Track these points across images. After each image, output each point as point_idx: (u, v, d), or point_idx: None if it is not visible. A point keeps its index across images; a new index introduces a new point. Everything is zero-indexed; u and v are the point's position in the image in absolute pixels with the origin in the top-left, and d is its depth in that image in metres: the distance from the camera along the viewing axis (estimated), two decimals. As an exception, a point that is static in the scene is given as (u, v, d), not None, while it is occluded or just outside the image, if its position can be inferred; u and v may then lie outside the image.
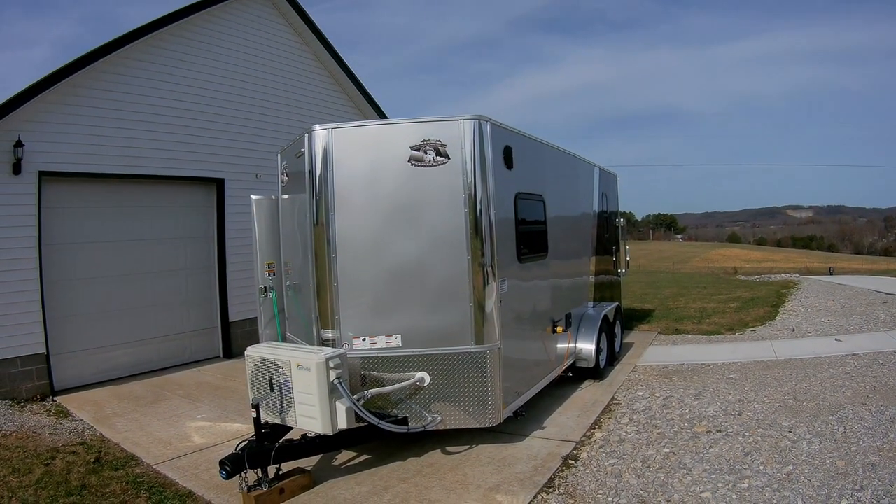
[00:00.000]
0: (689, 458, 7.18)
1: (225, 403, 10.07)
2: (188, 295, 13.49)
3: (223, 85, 13.83)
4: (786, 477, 6.49)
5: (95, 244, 11.82)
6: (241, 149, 14.09)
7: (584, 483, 6.69)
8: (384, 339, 7.16)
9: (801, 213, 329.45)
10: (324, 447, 7.04)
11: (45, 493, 6.72)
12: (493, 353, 7.25)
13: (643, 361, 12.10)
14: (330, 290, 7.17)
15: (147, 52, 12.41)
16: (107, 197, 12.04)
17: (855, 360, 11.05)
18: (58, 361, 11.06)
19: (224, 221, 13.89)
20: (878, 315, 15.46)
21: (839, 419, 8.09)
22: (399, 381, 7.14)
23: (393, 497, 6.44)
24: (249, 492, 6.25)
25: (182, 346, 13.32)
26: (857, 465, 6.62)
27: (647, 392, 9.93)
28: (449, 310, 7.20)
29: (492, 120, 7.44)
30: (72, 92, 11.20)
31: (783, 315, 16.77)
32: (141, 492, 6.73)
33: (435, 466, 7.19)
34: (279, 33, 15.36)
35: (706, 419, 8.49)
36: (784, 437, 7.60)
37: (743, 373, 10.77)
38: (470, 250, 7.13)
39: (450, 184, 7.13)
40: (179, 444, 8.23)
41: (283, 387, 6.63)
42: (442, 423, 7.23)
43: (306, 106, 15.70)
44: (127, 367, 12.20)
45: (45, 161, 10.80)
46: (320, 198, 7.15)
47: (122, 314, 12.21)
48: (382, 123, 8.63)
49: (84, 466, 7.47)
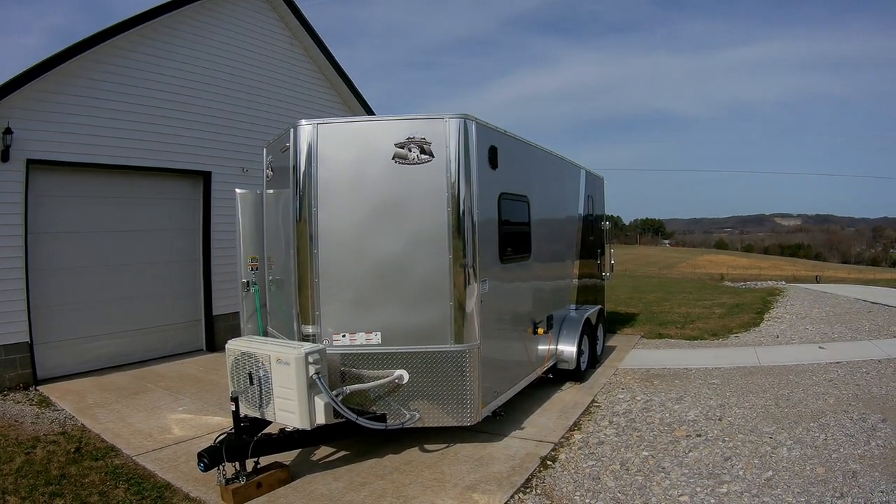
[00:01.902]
0: (668, 461, 7.22)
1: (206, 396, 10.07)
2: (173, 287, 13.47)
3: (213, 78, 13.82)
4: (765, 483, 6.53)
5: (82, 234, 11.80)
6: (229, 142, 14.09)
7: (561, 484, 6.71)
8: (364, 336, 7.17)
9: (790, 222, 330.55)
10: (302, 442, 7.06)
11: (25, 481, 6.72)
12: (472, 352, 7.26)
13: (625, 365, 12.14)
14: (311, 286, 7.18)
15: (138, 42, 12.39)
16: (94, 187, 12.02)
17: (838, 368, 11.12)
18: (41, 351, 11.04)
19: (210, 215, 13.89)
20: (863, 324, 15.56)
21: (820, 426, 8.14)
22: (378, 378, 7.15)
23: (370, 493, 6.46)
24: (227, 485, 6.26)
25: (165, 339, 13.30)
26: (838, 473, 6.66)
27: (627, 395, 9.97)
28: (429, 308, 7.22)
29: (477, 119, 7.45)
30: (62, 81, 11.17)
31: (768, 322, 16.85)
32: (120, 482, 6.72)
33: (413, 464, 7.21)
34: (270, 27, 15.35)
35: (686, 423, 8.53)
36: (764, 443, 7.64)
37: (725, 378, 10.82)
38: (452, 250, 7.14)
39: (433, 182, 7.13)
40: (160, 436, 8.23)
41: (263, 381, 6.65)
42: (420, 421, 7.25)
43: (295, 101, 15.72)
44: (110, 357, 12.19)
45: (33, 149, 10.78)
46: (304, 193, 7.16)
47: (106, 305, 12.20)
48: (368, 120, 8.63)
49: (64, 456, 7.47)
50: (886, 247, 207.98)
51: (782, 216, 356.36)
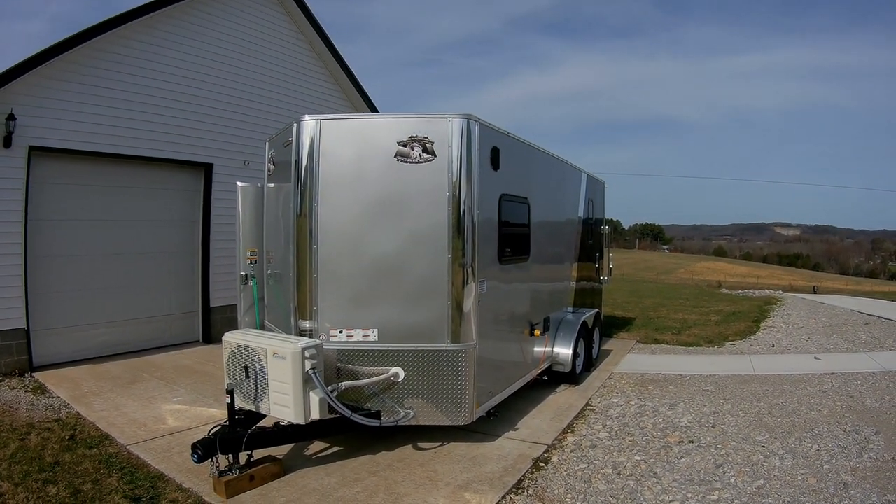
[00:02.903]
0: (660, 467, 7.23)
1: (201, 388, 10.09)
2: (171, 278, 13.48)
3: (217, 70, 13.82)
4: (756, 491, 6.54)
5: (82, 222, 11.81)
6: (231, 135, 14.09)
7: (553, 486, 6.73)
8: (361, 333, 7.19)
9: (789, 231, 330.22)
10: (296, 436, 7.08)
11: (18, 468, 6.73)
12: (468, 352, 7.28)
13: (620, 369, 12.16)
14: (309, 281, 7.19)
15: (143, 32, 12.38)
16: (96, 175, 12.02)
17: (833, 379, 11.13)
18: (38, 337, 11.05)
19: (210, 207, 13.89)
20: (859, 336, 15.57)
21: (813, 437, 8.15)
22: (374, 374, 7.16)
23: (362, 489, 6.48)
24: (220, 477, 6.27)
25: (162, 329, 13.32)
26: (829, 484, 6.67)
27: (621, 399, 9.99)
28: (427, 307, 7.23)
29: (481, 120, 7.46)
30: (67, 68, 11.18)
31: (764, 330, 16.86)
32: (113, 471, 6.74)
33: (406, 461, 7.24)
34: (276, 21, 15.34)
35: (679, 429, 8.55)
36: (757, 452, 7.66)
37: (720, 385, 10.84)
38: (451, 249, 7.15)
39: (435, 181, 7.15)
40: (154, 426, 8.24)
41: (259, 374, 6.66)
42: (414, 419, 7.26)
43: (298, 96, 15.72)
44: (106, 346, 12.20)
45: (35, 136, 10.78)
46: (305, 188, 7.17)
47: (104, 293, 12.21)
48: (371, 117, 8.64)
49: (58, 443, 7.48)
50: (885, 259, 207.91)
51: (782, 225, 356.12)
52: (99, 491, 6.27)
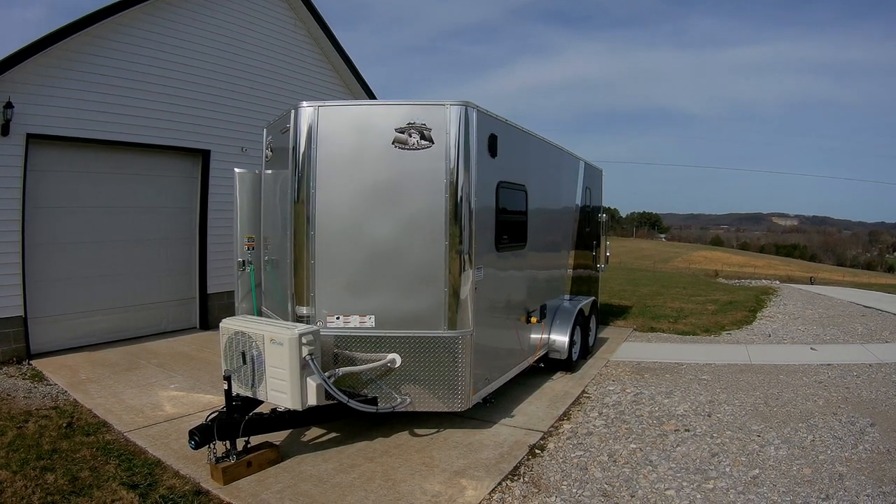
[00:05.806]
0: (656, 455, 7.25)
1: (198, 374, 10.11)
2: (168, 264, 13.47)
3: (215, 56, 13.77)
4: (751, 480, 6.56)
5: (79, 209, 11.78)
6: (229, 122, 14.06)
7: (549, 473, 6.75)
8: (358, 319, 7.19)
9: (786, 222, 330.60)
10: (293, 422, 7.10)
11: (16, 455, 6.73)
12: (465, 338, 7.28)
13: (616, 357, 12.18)
14: (307, 267, 7.19)
15: (141, 20, 12.32)
16: (93, 163, 11.98)
17: (829, 370, 11.15)
18: (35, 325, 11.04)
19: (207, 193, 13.88)
20: (856, 327, 15.59)
21: (809, 427, 8.17)
22: (370, 361, 7.16)
23: (359, 475, 6.50)
24: (217, 463, 6.29)
25: (159, 316, 13.32)
26: (824, 474, 6.69)
27: (618, 387, 10.01)
28: (424, 294, 7.23)
29: (478, 107, 7.43)
30: (64, 56, 11.13)
31: (760, 320, 16.89)
32: (111, 458, 6.75)
33: (402, 447, 7.27)
34: (273, 6, 15.28)
35: (675, 418, 8.57)
36: (752, 441, 7.67)
37: (716, 374, 10.87)
38: (448, 236, 7.14)
39: (432, 168, 7.13)
40: (151, 413, 8.26)
41: (256, 360, 6.66)
42: (411, 405, 7.27)
43: (296, 82, 15.69)
44: (103, 333, 12.20)
45: (33, 124, 10.74)
46: (302, 175, 7.16)
47: (101, 280, 12.20)
48: (369, 104, 8.62)
49: (56, 431, 7.48)
50: (882, 251, 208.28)
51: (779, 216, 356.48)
52: (97, 478, 6.28)
